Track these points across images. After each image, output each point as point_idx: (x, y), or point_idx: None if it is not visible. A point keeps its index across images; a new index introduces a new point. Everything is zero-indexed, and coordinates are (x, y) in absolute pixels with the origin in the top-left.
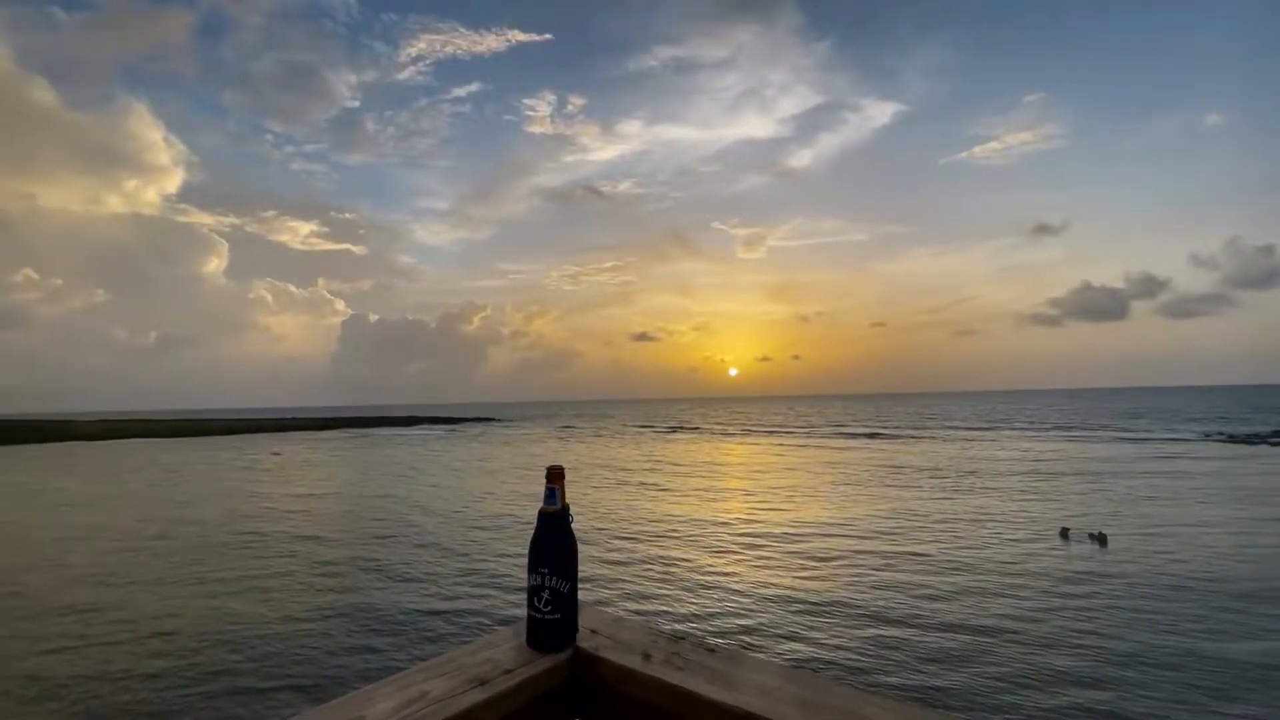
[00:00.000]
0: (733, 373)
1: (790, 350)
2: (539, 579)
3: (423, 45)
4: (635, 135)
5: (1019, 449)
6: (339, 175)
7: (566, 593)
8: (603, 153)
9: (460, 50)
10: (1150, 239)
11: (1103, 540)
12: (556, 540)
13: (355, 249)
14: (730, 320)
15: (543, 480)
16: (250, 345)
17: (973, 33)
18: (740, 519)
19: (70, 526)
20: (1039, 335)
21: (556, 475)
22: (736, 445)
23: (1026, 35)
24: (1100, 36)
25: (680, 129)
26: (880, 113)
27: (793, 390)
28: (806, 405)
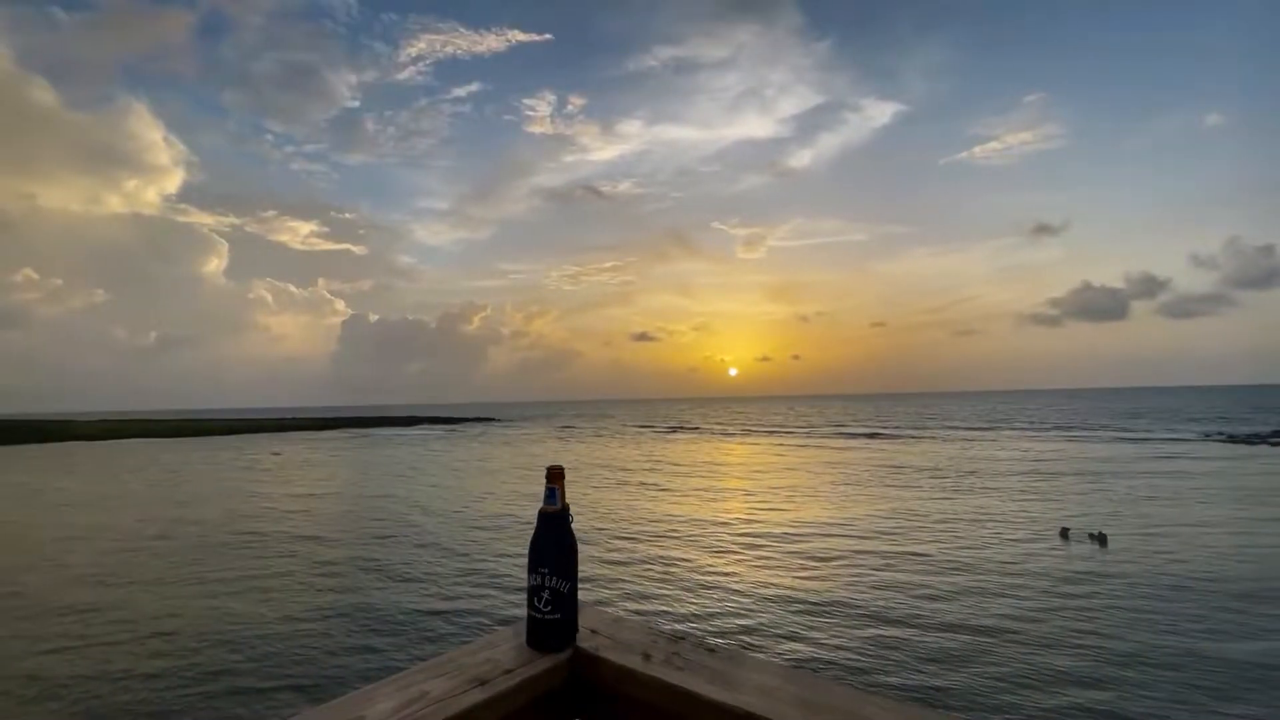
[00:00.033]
0: (733, 373)
1: (790, 350)
2: (539, 579)
3: (423, 45)
4: (635, 135)
5: (1019, 449)
6: (339, 175)
7: (566, 593)
8: (603, 153)
9: (460, 50)
10: (1150, 239)
11: (1103, 540)
12: (556, 540)
13: (355, 249)
14: (730, 320)
15: (543, 480)
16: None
17: (973, 33)
18: (740, 519)
19: (70, 526)
20: (1039, 335)
21: (556, 475)
22: (736, 445)
23: (1026, 35)
24: (1100, 36)
25: (680, 129)
26: (880, 113)
27: (793, 390)
28: (806, 405)
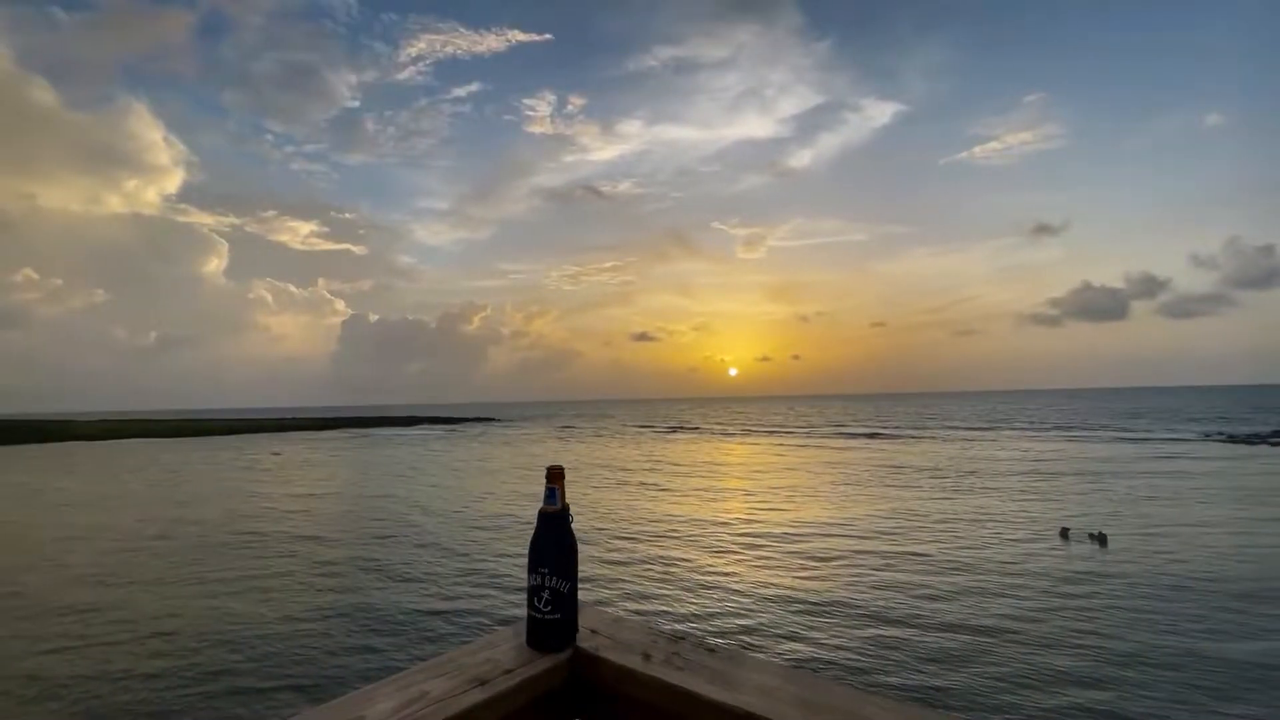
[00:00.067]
0: (733, 373)
1: (790, 350)
2: (539, 579)
3: (423, 45)
4: (635, 135)
5: (1019, 449)
6: (339, 175)
7: (566, 593)
8: (603, 153)
9: (460, 50)
10: (1150, 239)
11: (1103, 540)
12: (556, 540)
13: (355, 249)
14: (730, 320)
15: (543, 480)
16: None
17: (973, 33)
18: (740, 519)
19: (70, 526)
20: (1039, 335)
21: (556, 475)
22: (736, 445)
23: (1026, 35)
24: (1100, 36)
25: (680, 129)
26: (880, 113)
27: (793, 390)
28: (806, 405)
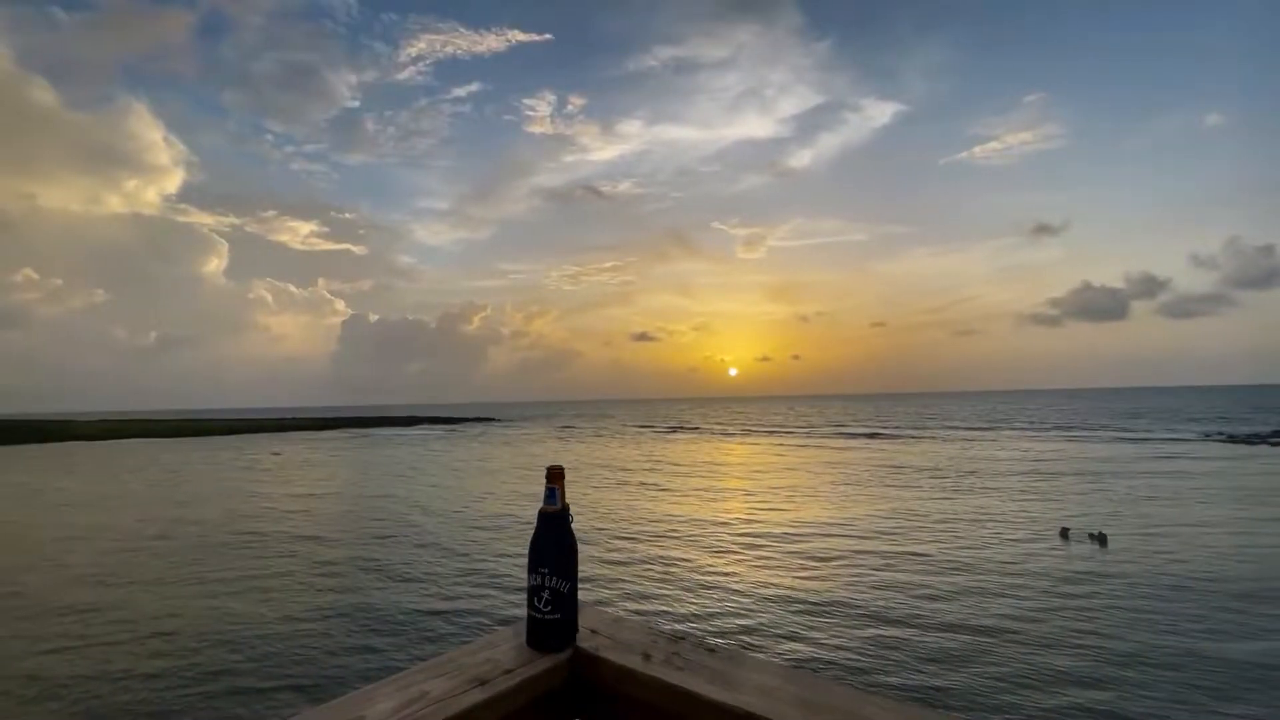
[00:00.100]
0: (733, 373)
1: (790, 350)
2: (539, 579)
3: (423, 45)
4: (635, 135)
5: (1019, 449)
6: (339, 175)
7: (566, 593)
8: (603, 153)
9: (460, 50)
10: (1150, 239)
11: (1103, 540)
12: (556, 540)
13: (355, 249)
14: (730, 320)
15: (543, 480)
16: (250, 345)
17: (973, 33)
18: (740, 519)
19: (70, 526)
20: (1039, 335)
21: (556, 475)
22: (736, 445)
23: (1026, 35)
24: (1100, 36)
25: (680, 129)
26: (880, 113)
27: (793, 390)
28: (806, 405)
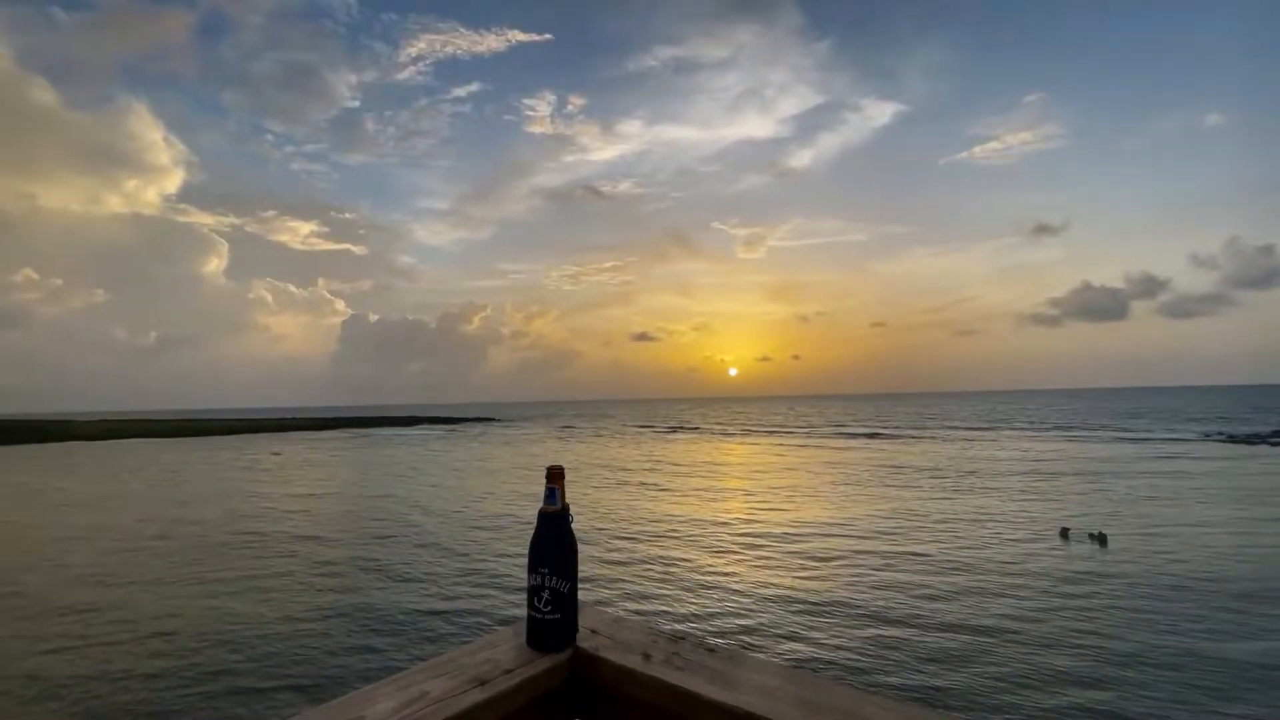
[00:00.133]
0: (733, 373)
1: (790, 350)
2: (539, 579)
3: (423, 45)
4: (635, 135)
5: (1019, 449)
6: (339, 175)
7: (566, 593)
8: (603, 153)
9: (460, 50)
10: (1150, 239)
11: (1103, 540)
12: (556, 540)
13: (355, 249)
14: (730, 320)
15: (543, 480)
16: (250, 345)
17: (973, 33)
18: (740, 519)
19: (70, 526)
20: (1039, 335)
21: (556, 475)
22: (736, 445)
23: (1026, 35)
24: (1100, 36)
25: (680, 129)
26: (880, 113)
27: (793, 390)
28: (806, 405)
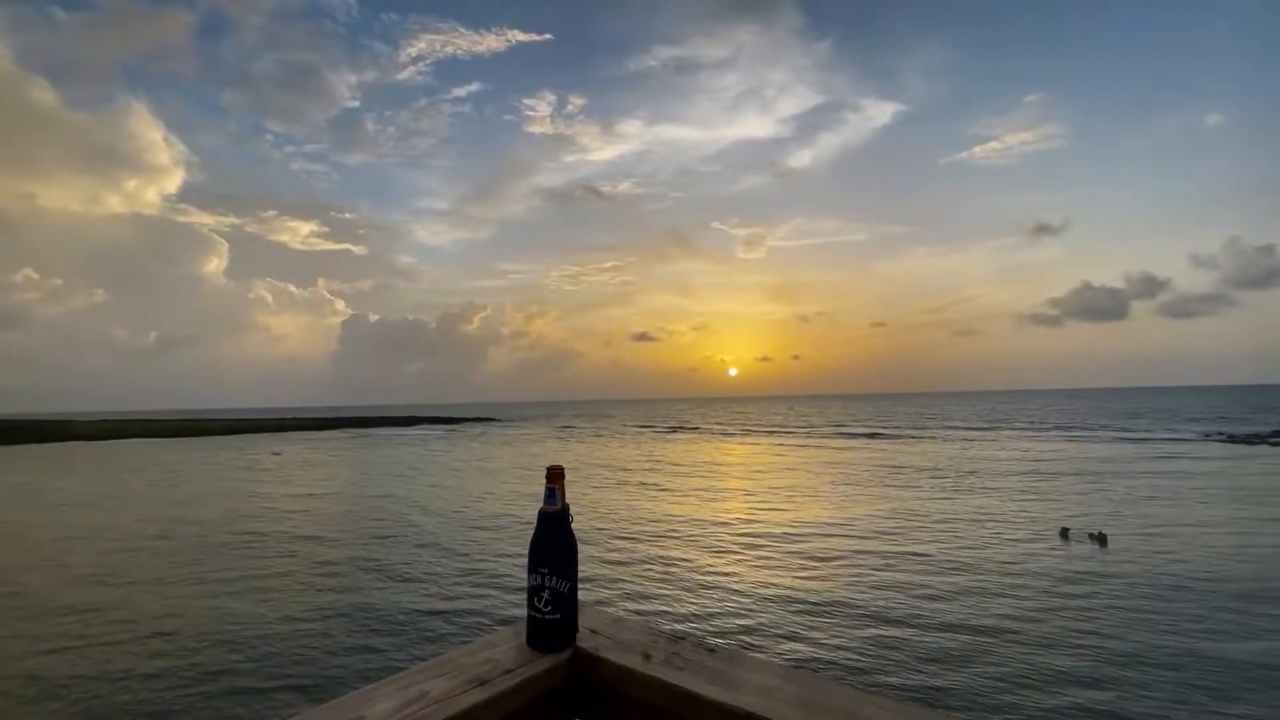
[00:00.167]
0: (733, 373)
1: (790, 350)
2: (539, 579)
3: (423, 45)
4: (635, 135)
5: (1019, 449)
6: (339, 175)
7: (566, 593)
8: (603, 153)
9: (460, 50)
10: (1150, 239)
11: (1103, 540)
12: (556, 540)
13: (355, 249)
14: (730, 320)
15: (543, 480)
16: (250, 345)
17: (973, 33)
18: (740, 519)
19: (70, 526)
20: (1039, 335)
21: (556, 475)
22: (736, 445)
23: (1026, 35)
24: (1100, 36)
25: (680, 129)
26: (880, 113)
27: (793, 390)
28: (806, 405)
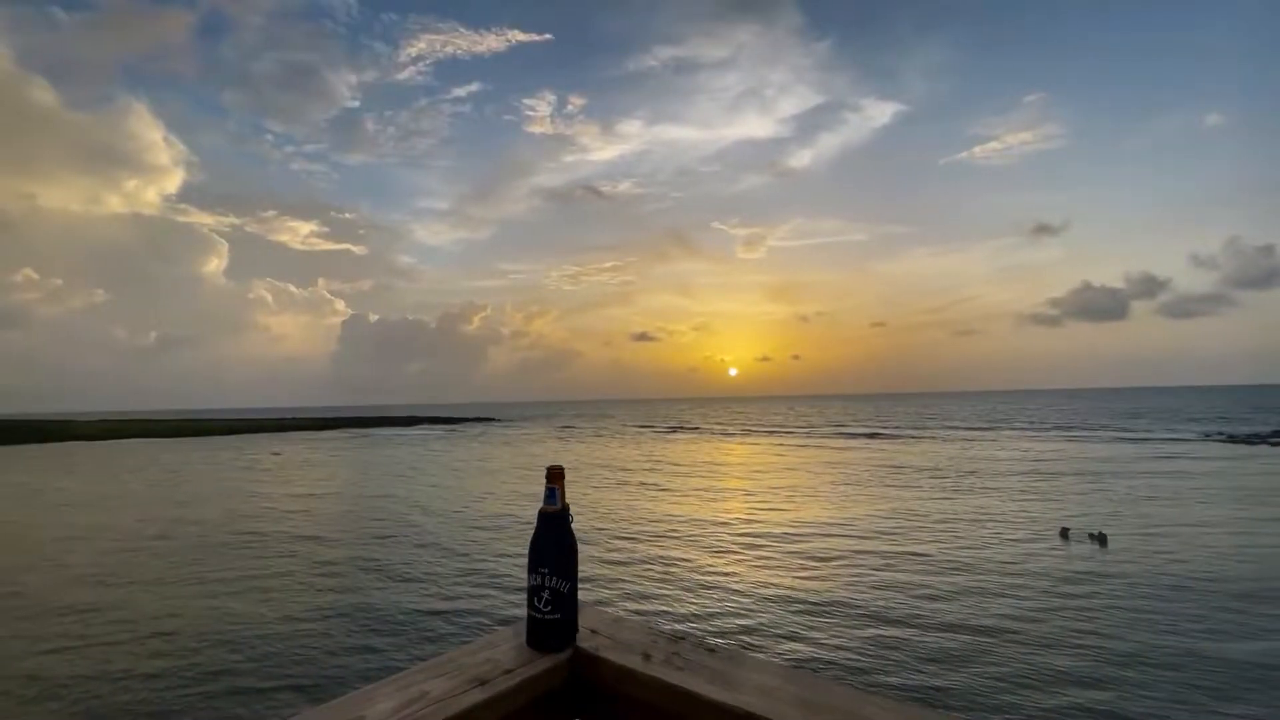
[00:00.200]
0: (733, 373)
1: (790, 350)
2: (539, 579)
3: (423, 45)
4: (635, 135)
5: (1019, 449)
6: (339, 175)
7: (566, 593)
8: (603, 153)
9: (460, 50)
10: (1150, 239)
11: (1103, 540)
12: (556, 540)
13: (355, 249)
14: (730, 320)
15: (543, 480)
16: (250, 345)
17: (973, 33)
18: (740, 519)
19: (70, 526)
20: (1039, 335)
21: (556, 475)
22: (736, 445)
23: (1026, 35)
24: (1100, 36)
25: (680, 129)
26: (880, 113)
27: (793, 390)
28: (806, 405)
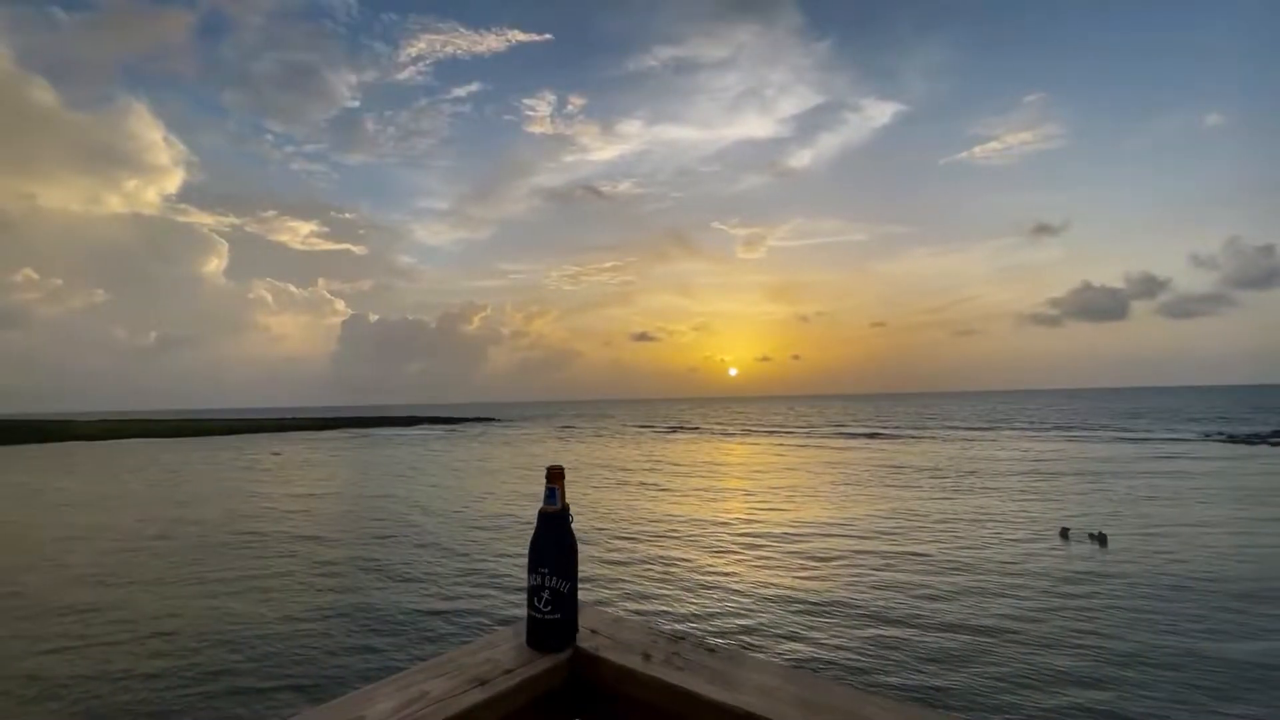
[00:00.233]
0: (733, 373)
1: (790, 350)
2: (539, 579)
3: (423, 45)
4: (635, 135)
5: (1019, 449)
6: (339, 175)
7: (566, 593)
8: (603, 153)
9: (460, 50)
10: (1150, 239)
11: (1103, 540)
12: (556, 540)
13: (355, 249)
14: (730, 320)
15: (543, 480)
16: (250, 345)
17: (973, 33)
18: (740, 519)
19: (70, 526)
20: (1039, 335)
21: (556, 475)
22: (736, 445)
23: (1026, 35)
24: (1100, 36)
25: (680, 129)
26: (880, 113)
27: (793, 390)
28: (806, 405)
